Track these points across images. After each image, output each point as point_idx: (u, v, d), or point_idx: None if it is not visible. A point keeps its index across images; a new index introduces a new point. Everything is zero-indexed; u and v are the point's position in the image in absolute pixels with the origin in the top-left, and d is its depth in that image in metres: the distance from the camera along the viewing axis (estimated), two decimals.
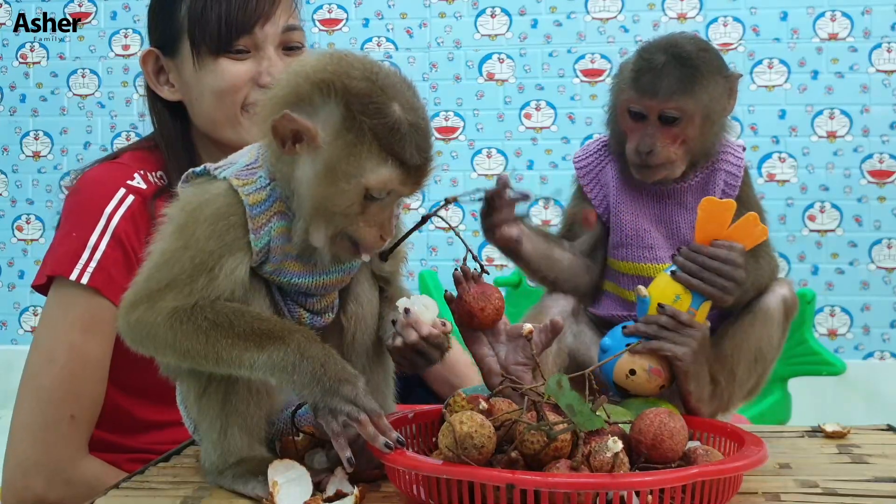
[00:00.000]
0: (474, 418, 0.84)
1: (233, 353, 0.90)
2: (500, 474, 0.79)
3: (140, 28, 3.65)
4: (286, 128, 0.90)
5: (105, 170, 1.39)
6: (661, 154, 1.15)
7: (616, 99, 1.21)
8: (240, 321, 0.91)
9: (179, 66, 1.38)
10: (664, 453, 0.88)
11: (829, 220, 3.32)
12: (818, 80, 3.33)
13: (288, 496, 0.88)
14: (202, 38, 1.32)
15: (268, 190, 0.95)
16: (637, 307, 1.13)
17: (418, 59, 3.50)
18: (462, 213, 3.45)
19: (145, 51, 1.41)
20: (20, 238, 3.70)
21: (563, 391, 0.83)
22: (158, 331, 0.92)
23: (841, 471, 1.02)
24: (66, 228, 1.33)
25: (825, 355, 2.80)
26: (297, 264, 0.98)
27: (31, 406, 1.29)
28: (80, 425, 1.29)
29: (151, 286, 0.93)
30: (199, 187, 0.97)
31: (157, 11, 1.41)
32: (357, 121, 0.89)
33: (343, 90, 0.90)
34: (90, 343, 1.28)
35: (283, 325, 0.92)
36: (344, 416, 0.87)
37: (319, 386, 0.88)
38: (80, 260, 1.28)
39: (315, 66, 0.93)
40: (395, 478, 0.89)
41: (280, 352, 0.89)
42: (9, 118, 3.71)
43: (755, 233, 1.10)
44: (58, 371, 1.27)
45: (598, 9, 3.46)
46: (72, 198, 1.38)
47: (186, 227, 0.94)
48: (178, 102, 1.41)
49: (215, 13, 1.31)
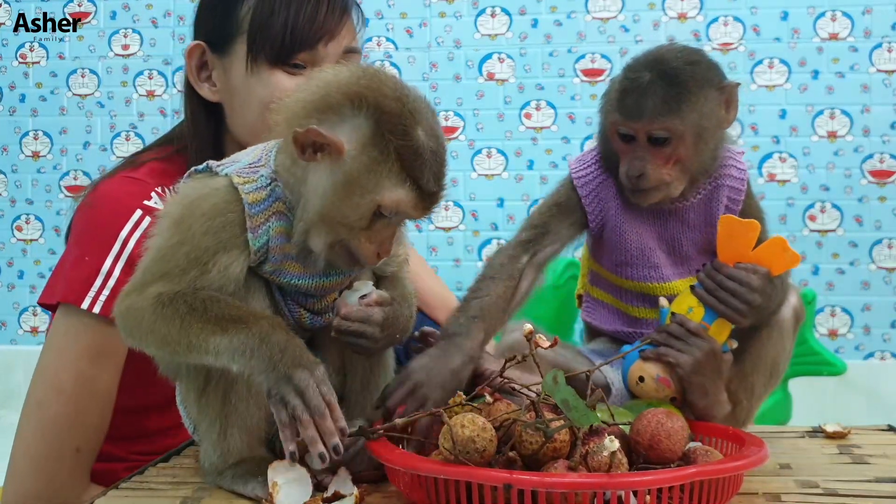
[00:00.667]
0: (476, 421, 0.83)
1: (200, 337, 0.89)
2: (498, 474, 0.79)
3: (139, 28, 3.65)
4: (309, 139, 0.90)
5: (121, 186, 1.31)
6: (652, 177, 1.10)
7: (604, 120, 1.16)
8: (213, 307, 0.90)
9: (227, 67, 1.32)
10: (662, 453, 0.88)
11: (830, 220, 3.31)
12: (819, 80, 3.33)
13: (288, 497, 0.88)
14: (262, 45, 1.26)
15: (268, 189, 0.95)
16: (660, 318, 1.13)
17: (418, 58, 3.50)
18: (462, 214, 3.45)
19: (193, 43, 1.35)
20: (20, 238, 3.69)
21: (559, 387, 0.83)
22: (143, 316, 0.92)
23: (842, 471, 1.02)
24: (79, 250, 1.28)
25: (826, 355, 2.80)
26: (297, 265, 0.98)
27: (36, 436, 1.25)
28: (83, 456, 1.25)
29: (145, 277, 0.94)
30: (199, 182, 0.97)
31: (212, 5, 1.35)
32: (384, 139, 0.90)
33: (375, 106, 0.90)
34: (99, 373, 1.25)
35: (254, 313, 0.91)
36: (291, 408, 0.85)
37: (275, 372, 0.86)
38: (93, 288, 1.23)
39: (348, 77, 0.93)
40: (395, 478, 0.89)
41: (241, 335, 0.88)
42: (8, 118, 3.70)
43: (785, 258, 1.08)
44: (65, 401, 1.23)
45: (598, 8, 3.45)
46: (85, 214, 1.31)
47: (183, 221, 0.94)
48: (213, 103, 1.35)
49: (280, 21, 1.26)
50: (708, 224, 1.16)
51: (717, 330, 1.09)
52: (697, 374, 1.07)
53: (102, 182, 1.33)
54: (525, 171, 3.46)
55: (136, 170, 1.33)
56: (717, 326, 1.09)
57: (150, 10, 3.64)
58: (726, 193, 1.16)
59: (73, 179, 3.66)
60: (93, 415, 1.26)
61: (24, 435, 1.26)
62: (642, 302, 1.19)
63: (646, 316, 1.19)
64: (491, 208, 3.44)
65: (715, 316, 1.09)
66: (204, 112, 1.36)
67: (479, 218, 3.44)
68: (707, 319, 1.09)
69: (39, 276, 3.65)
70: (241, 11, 1.29)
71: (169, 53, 3.64)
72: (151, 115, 3.64)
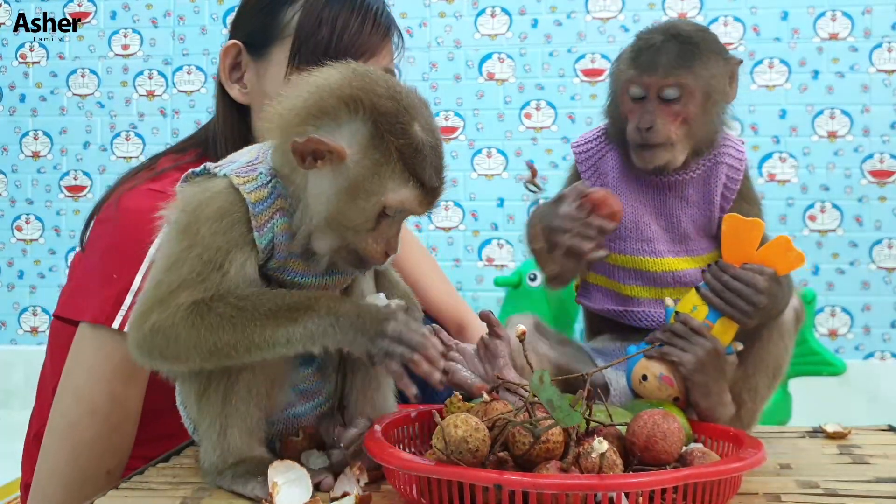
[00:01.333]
0: (469, 422, 0.83)
1: (265, 333, 0.89)
2: (488, 475, 0.79)
3: (139, 28, 3.65)
4: (309, 148, 0.90)
5: (146, 200, 1.24)
6: (661, 131, 1.13)
7: (616, 82, 1.20)
8: (262, 302, 0.90)
9: (262, 70, 1.31)
10: (657, 455, 0.87)
11: (830, 220, 3.32)
12: (819, 80, 3.33)
13: (288, 497, 0.88)
14: (305, 54, 1.26)
15: (269, 187, 0.95)
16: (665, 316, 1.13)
17: (418, 58, 3.50)
18: (462, 213, 3.45)
19: (229, 42, 1.33)
20: (20, 238, 3.69)
21: (545, 387, 0.82)
22: (179, 331, 0.90)
23: (842, 471, 1.01)
24: (107, 268, 1.24)
25: (826, 355, 2.81)
26: (301, 263, 0.98)
27: (69, 459, 1.22)
28: (112, 479, 1.22)
29: (162, 291, 0.91)
30: (199, 186, 0.96)
31: (256, 7, 1.34)
32: (384, 140, 0.90)
33: (371, 108, 0.90)
34: (131, 394, 1.23)
35: (304, 295, 0.92)
36: (398, 357, 0.89)
37: (366, 336, 0.89)
38: (123, 306, 1.20)
39: (339, 80, 0.93)
40: (392, 477, 0.90)
41: (313, 320, 0.90)
42: (8, 118, 3.70)
43: (789, 258, 1.08)
44: (100, 423, 1.21)
45: (598, 8, 3.45)
46: (109, 229, 1.28)
47: (190, 226, 0.92)
48: (242, 105, 1.34)
49: (326, 32, 1.26)
50: (706, 202, 1.18)
51: (721, 330, 1.09)
52: (700, 372, 1.07)
53: (124, 195, 1.29)
54: (525, 170, 3.46)
55: (158, 180, 1.30)
56: (722, 326, 1.09)
57: (149, 11, 3.64)
58: (725, 171, 1.18)
59: (72, 179, 3.66)
60: (124, 436, 1.24)
61: (54, 457, 1.23)
62: (634, 279, 1.19)
63: (637, 295, 1.20)
64: (491, 208, 3.44)
65: (717, 315, 1.09)
66: (235, 114, 1.35)
67: (479, 218, 3.44)
68: (711, 318, 1.09)
69: (39, 276, 3.65)
70: (286, 17, 1.29)
71: (169, 53, 3.64)
72: (151, 115, 3.64)
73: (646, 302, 1.18)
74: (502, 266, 3.39)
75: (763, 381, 1.16)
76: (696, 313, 1.09)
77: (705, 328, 1.08)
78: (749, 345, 1.15)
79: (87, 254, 1.31)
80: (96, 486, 1.19)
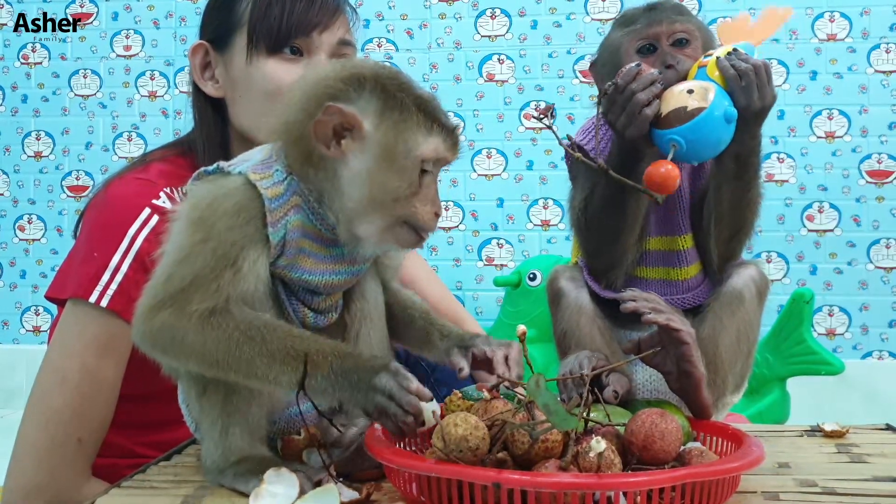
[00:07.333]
0: (468, 420, 0.84)
1: (271, 373, 0.89)
2: (487, 473, 0.80)
3: (141, 29, 3.65)
4: (328, 125, 0.91)
5: (131, 186, 1.35)
6: (685, 62, 1.18)
7: (617, 48, 1.24)
8: (272, 338, 0.90)
9: (228, 62, 1.40)
10: (655, 454, 0.88)
11: (828, 220, 3.32)
12: (817, 81, 3.33)
13: (273, 497, 0.87)
14: (260, 34, 1.35)
15: (285, 184, 0.96)
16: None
17: (418, 59, 3.51)
18: (462, 213, 3.46)
19: (195, 43, 1.43)
20: (22, 238, 3.70)
21: (541, 390, 0.83)
22: (187, 336, 0.90)
23: (840, 470, 1.02)
24: (88, 247, 1.31)
25: (824, 355, 2.81)
26: (310, 260, 0.98)
27: (39, 426, 1.26)
28: (85, 449, 1.26)
29: (174, 286, 0.91)
30: (214, 183, 0.97)
31: (217, 6, 1.44)
32: (398, 98, 0.93)
33: (374, 77, 0.94)
34: (104, 365, 1.26)
35: (311, 346, 0.90)
36: (393, 416, 0.87)
37: (360, 394, 0.88)
38: (101, 282, 1.26)
39: (333, 69, 0.97)
40: (392, 476, 0.90)
41: (317, 378, 0.88)
42: (10, 118, 3.71)
43: (776, 16, 1.21)
44: (69, 392, 1.25)
45: (597, 10, 3.46)
46: (95, 213, 1.35)
47: (204, 221, 0.92)
48: (218, 101, 1.43)
49: (278, 10, 1.35)
50: (699, 166, 1.23)
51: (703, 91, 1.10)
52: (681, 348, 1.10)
53: (112, 183, 1.37)
54: (525, 171, 3.47)
55: (145, 170, 1.38)
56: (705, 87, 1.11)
57: (151, 12, 3.65)
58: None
59: (75, 180, 3.67)
60: (96, 406, 1.27)
61: (27, 426, 1.28)
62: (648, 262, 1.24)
63: (646, 276, 1.23)
64: (491, 208, 3.45)
65: (724, 98, 1.10)
66: (210, 109, 1.44)
67: (479, 218, 3.45)
68: (717, 104, 1.08)
69: (41, 276, 3.66)
70: (241, 6, 1.38)
71: (171, 54, 3.64)
72: (153, 116, 3.65)
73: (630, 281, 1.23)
74: (502, 266, 3.39)
75: (725, 347, 1.18)
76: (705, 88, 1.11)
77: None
78: (702, 320, 1.19)
79: (77, 239, 1.39)
80: (66, 455, 1.24)
